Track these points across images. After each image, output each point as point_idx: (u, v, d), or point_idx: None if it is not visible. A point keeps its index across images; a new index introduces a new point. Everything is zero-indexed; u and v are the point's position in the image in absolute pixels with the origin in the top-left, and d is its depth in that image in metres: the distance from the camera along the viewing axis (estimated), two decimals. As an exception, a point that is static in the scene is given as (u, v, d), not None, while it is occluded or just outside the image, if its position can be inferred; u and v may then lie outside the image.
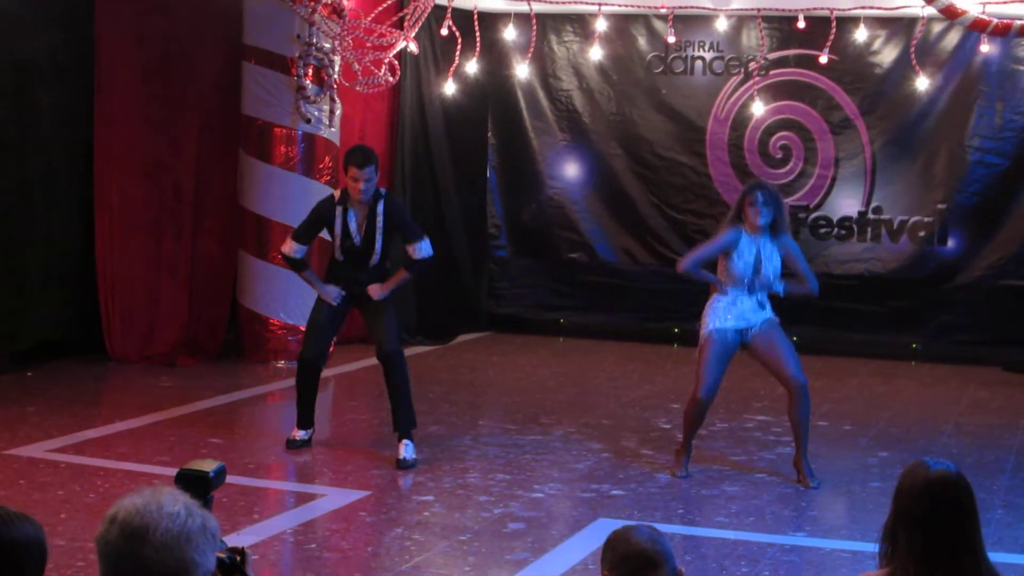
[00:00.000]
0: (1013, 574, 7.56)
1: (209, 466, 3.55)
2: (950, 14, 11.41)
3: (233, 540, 3.43)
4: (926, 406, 12.74)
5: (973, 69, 14.79)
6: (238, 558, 3.47)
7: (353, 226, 9.99)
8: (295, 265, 10.28)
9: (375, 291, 10.04)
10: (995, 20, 11.51)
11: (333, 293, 10.12)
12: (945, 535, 4.18)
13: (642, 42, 15.86)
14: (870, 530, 8.55)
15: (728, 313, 9.62)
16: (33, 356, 12.71)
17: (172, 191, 13.49)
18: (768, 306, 9.71)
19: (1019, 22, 11.61)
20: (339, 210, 10.04)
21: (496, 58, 15.94)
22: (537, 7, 14.93)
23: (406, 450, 9.78)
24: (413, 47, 13.68)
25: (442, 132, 15.61)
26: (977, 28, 11.56)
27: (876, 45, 15.04)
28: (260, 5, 13.34)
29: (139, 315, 13.32)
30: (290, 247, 10.21)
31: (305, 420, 10.29)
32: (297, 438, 10.23)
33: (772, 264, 9.61)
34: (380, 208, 10.01)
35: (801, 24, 14.66)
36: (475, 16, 14.81)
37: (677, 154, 15.82)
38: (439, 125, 15.56)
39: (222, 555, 3.37)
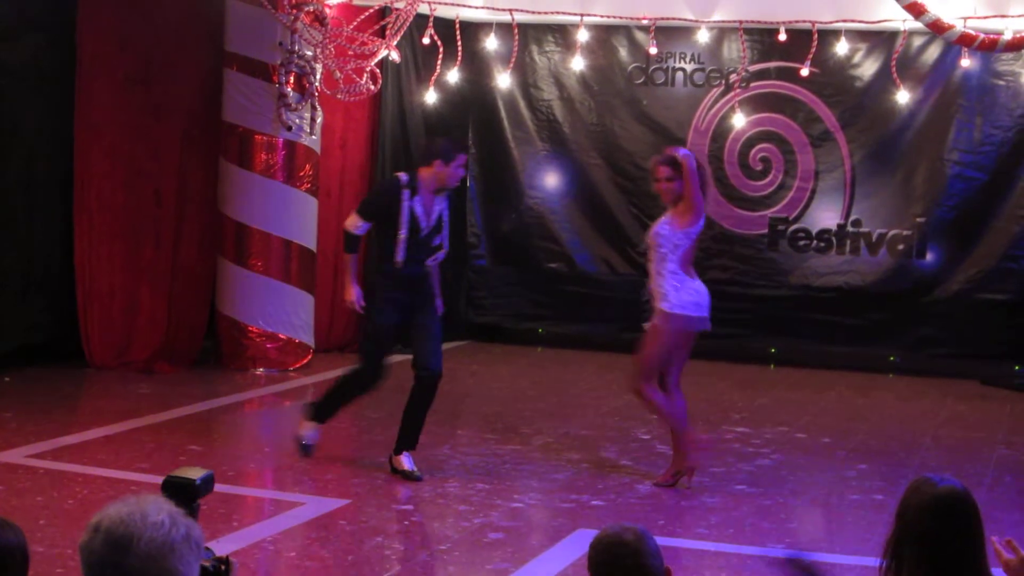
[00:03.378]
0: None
1: (196, 474, 3.52)
2: (937, 28, 11.43)
3: (212, 548, 3.41)
4: (904, 419, 12.76)
5: (953, 83, 14.84)
6: (223, 567, 3.45)
7: (420, 210, 9.51)
8: (351, 243, 9.81)
9: (440, 306, 9.80)
10: (982, 35, 11.54)
11: (357, 295, 9.70)
12: (953, 551, 4.13)
13: (623, 53, 15.88)
14: (849, 542, 8.59)
15: None
16: (11, 361, 12.66)
17: (153, 197, 13.45)
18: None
19: (1005, 37, 11.64)
20: (406, 193, 9.53)
21: (477, 67, 15.94)
22: (519, 17, 14.94)
23: (410, 461, 9.62)
24: (395, 56, 13.67)
25: (423, 141, 15.58)
26: (963, 43, 11.59)
27: (857, 58, 15.08)
28: (242, 12, 13.32)
29: (118, 321, 13.28)
30: (354, 222, 9.73)
31: (325, 415, 10.00)
32: (307, 440, 9.91)
33: None
34: (445, 204, 9.72)
35: (783, 37, 14.70)
36: (457, 25, 14.82)
37: (657, 165, 15.81)
38: (420, 134, 15.55)
39: (207, 564, 3.35)
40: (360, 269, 14.85)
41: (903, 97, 14.67)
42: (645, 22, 15.07)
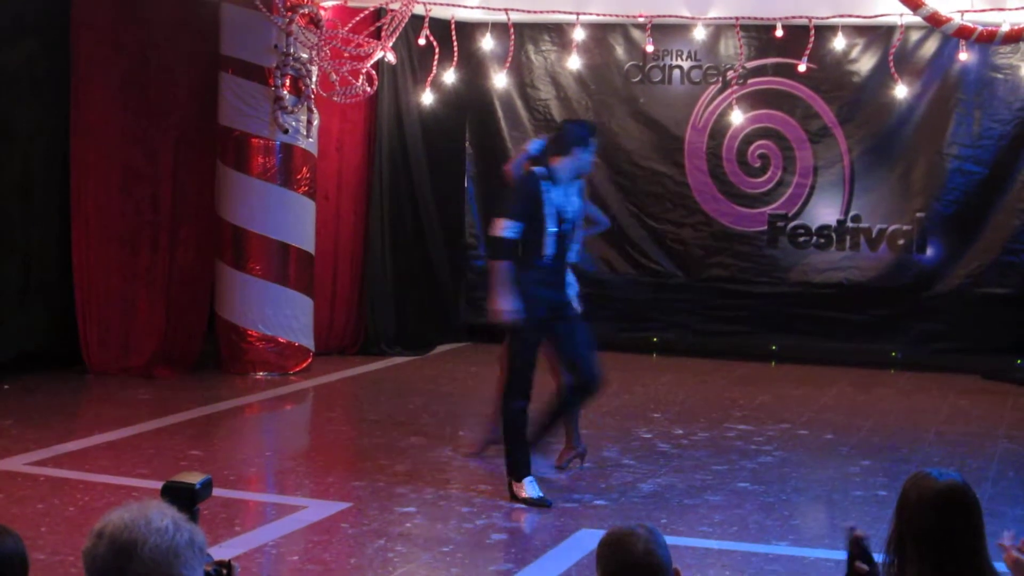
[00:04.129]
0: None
1: (195, 478, 3.52)
2: (935, 21, 11.43)
3: (215, 553, 3.39)
4: (906, 415, 12.73)
5: (951, 77, 14.82)
6: (225, 571, 3.44)
7: (562, 201, 8.89)
8: (507, 249, 8.86)
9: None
10: (979, 28, 11.53)
11: (515, 306, 8.84)
12: (956, 546, 4.10)
13: (620, 51, 15.85)
14: (853, 539, 8.54)
15: None
16: (10, 368, 12.63)
17: (149, 202, 13.41)
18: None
19: (1003, 30, 11.63)
20: (546, 185, 8.85)
21: (474, 68, 15.91)
22: (515, 17, 14.91)
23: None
24: (391, 57, 13.64)
25: (420, 142, 15.56)
26: (962, 35, 11.59)
27: (854, 53, 15.06)
28: (237, 15, 13.28)
29: (116, 326, 13.25)
30: (504, 225, 8.80)
31: (519, 466, 9.13)
32: (533, 494, 9.04)
33: None
34: (579, 193, 9.15)
35: (779, 33, 14.69)
36: (452, 26, 14.79)
37: (655, 163, 15.81)
38: (417, 135, 15.52)
39: (209, 568, 3.34)
40: (362, 272, 14.89)
41: (901, 92, 14.66)
42: (641, 20, 15.04)
